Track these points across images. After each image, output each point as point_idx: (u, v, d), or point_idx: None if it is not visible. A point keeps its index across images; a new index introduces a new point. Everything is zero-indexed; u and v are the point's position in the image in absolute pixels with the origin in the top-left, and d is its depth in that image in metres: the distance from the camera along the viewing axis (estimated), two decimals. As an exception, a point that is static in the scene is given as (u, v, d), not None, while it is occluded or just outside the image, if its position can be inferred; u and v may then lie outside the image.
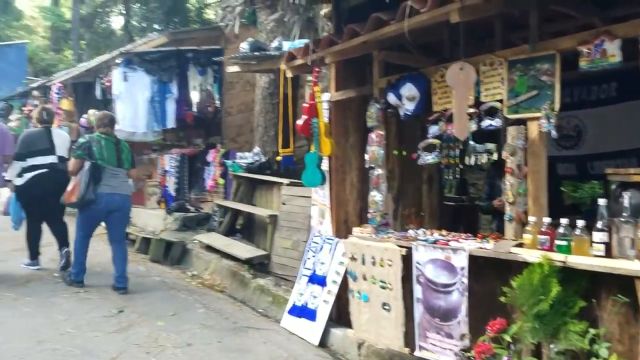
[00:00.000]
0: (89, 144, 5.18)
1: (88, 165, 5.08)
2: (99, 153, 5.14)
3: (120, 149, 5.35)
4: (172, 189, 8.11)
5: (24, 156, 5.62)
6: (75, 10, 31.46)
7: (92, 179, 5.05)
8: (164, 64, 7.95)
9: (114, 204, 5.23)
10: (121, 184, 5.30)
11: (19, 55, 18.00)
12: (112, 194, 5.18)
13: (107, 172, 5.17)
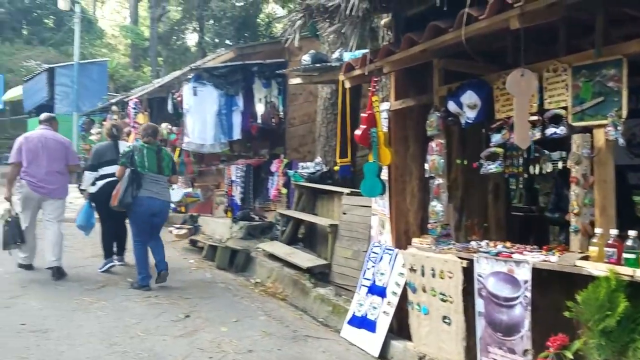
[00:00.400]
0: (132, 152, 5.65)
1: (128, 172, 5.54)
2: (140, 161, 5.60)
3: (161, 157, 5.78)
4: (238, 198, 8.34)
5: (95, 167, 6.24)
6: (153, 29, 33.22)
7: (131, 184, 5.49)
8: (231, 78, 8.23)
9: (155, 208, 5.67)
10: (162, 190, 5.74)
11: (100, 72, 19.14)
12: (152, 198, 5.62)
13: (148, 178, 5.61)
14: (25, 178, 5.87)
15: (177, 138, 8.96)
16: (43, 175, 5.86)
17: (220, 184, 9.11)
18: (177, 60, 32.80)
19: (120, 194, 5.50)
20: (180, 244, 7.87)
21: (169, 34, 34.63)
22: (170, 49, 34.65)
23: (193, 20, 30.49)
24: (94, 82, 17.99)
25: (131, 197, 5.50)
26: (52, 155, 5.94)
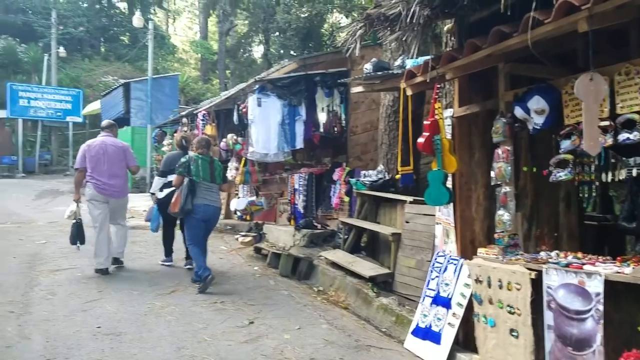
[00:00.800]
0: (188, 163, 6.07)
1: (186, 181, 6.00)
2: (195, 171, 6.03)
3: (214, 167, 6.24)
4: (301, 207, 8.44)
5: (165, 173, 6.90)
6: (222, 43, 34.41)
7: (189, 193, 5.95)
8: (294, 89, 8.36)
9: (209, 214, 6.15)
10: (214, 197, 6.23)
11: (172, 86, 20.02)
12: (207, 205, 6.09)
13: (202, 186, 6.06)
14: (90, 181, 6.47)
15: (242, 148, 9.19)
16: (106, 179, 6.46)
17: (284, 192, 9.26)
18: (244, 72, 33.76)
19: (182, 202, 5.94)
20: (246, 251, 8.06)
21: (236, 47, 35.74)
22: (238, 62, 35.72)
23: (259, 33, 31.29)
24: (166, 95, 18.84)
25: (191, 204, 5.93)
26: (112, 159, 6.53)
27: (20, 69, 29.94)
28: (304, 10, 21.64)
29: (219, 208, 6.40)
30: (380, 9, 3.84)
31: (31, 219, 11.58)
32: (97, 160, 6.49)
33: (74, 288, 5.83)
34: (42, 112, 25.48)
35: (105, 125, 7.03)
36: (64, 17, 31.06)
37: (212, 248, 8.27)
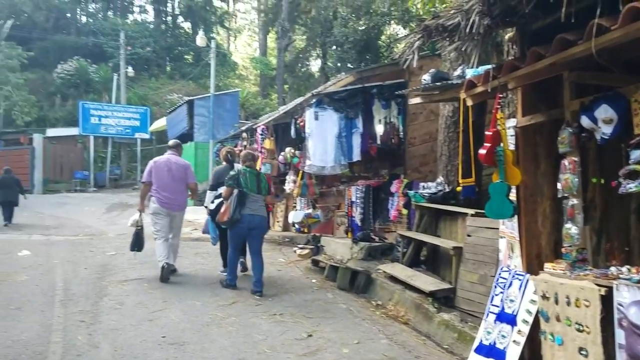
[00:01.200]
0: (237, 175, 6.48)
1: (236, 192, 6.38)
2: (244, 183, 6.43)
3: (260, 179, 6.63)
4: (358, 219, 8.40)
5: (215, 187, 7.31)
6: (280, 58, 35.10)
7: (239, 203, 6.33)
8: (351, 101, 8.39)
9: (255, 223, 6.47)
10: (260, 208, 6.57)
11: (233, 102, 20.57)
12: (253, 215, 6.43)
13: (250, 198, 6.44)
14: (154, 195, 7.05)
15: (299, 161, 9.30)
16: (168, 193, 7.01)
17: (341, 204, 9.26)
18: (301, 86, 34.28)
19: (231, 212, 6.33)
20: (303, 264, 8.11)
21: (294, 62, 36.36)
22: (296, 76, 36.31)
23: (317, 47, 31.70)
24: (227, 111, 19.37)
25: (239, 214, 6.32)
26: (175, 176, 7.07)
27: (91, 88, 31.74)
28: (361, 23, 21.72)
29: (264, 217, 6.75)
30: (438, 20, 3.80)
31: (102, 231, 12.17)
32: (161, 177, 7.03)
33: (141, 298, 6.06)
34: (112, 129, 26.83)
35: (171, 144, 7.59)
36: (132, 38, 32.71)
37: (271, 260, 8.40)
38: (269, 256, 8.81)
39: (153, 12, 41.14)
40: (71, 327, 5.00)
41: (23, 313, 5.45)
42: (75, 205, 18.44)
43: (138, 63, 33.82)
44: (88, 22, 38.83)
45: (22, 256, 8.69)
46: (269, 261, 8.35)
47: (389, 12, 19.86)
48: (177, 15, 42.25)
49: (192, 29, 40.17)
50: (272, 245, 9.89)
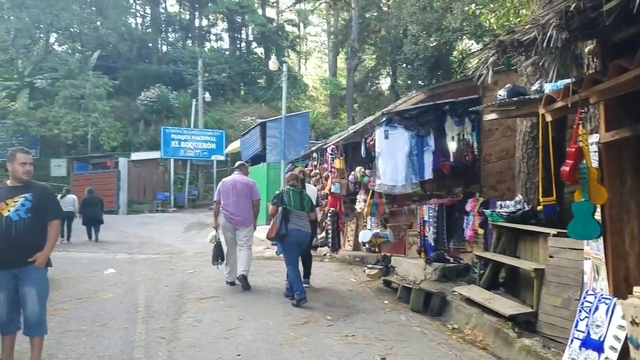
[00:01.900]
0: (282, 194, 7.10)
1: (280, 209, 6.91)
2: (288, 201, 6.99)
3: (303, 197, 7.16)
4: (431, 239, 8.21)
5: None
6: (349, 78, 35.44)
7: (283, 219, 6.85)
8: (422, 119, 8.28)
9: (300, 238, 7.00)
10: (304, 224, 7.06)
11: (303, 123, 20.92)
12: (299, 230, 6.94)
13: (294, 214, 6.95)
14: (222, 212, 7.74)
15: (370, 180, 9.26)
16: (234, 209, 7.62)
17: (413, 224, 9.10)
18: (371, 105, 34.36)
19: (277, 228, 6.86)
20: (374, 284, 8.01)
21: (364, 81, 36.57)
22: (365, 95, 36.47)
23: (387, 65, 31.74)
24: (298, 132, 19.72)
25: (285, 229, 6.82)
26: (239, 194, 7.66)
27: (172, 114, 33.46)
28: (432, 39, 21.51)
29: (309, 233, 7.23)
30: (513, 34, 3.68)
31: (181, 250, 12.67)
32: (227, 195, 7.71)
33: (217, 316, 6.22)
34: (191, 152, 28.07)
35: (237, 165, 8.29)
36: (208, 65, 34.27)
37: (342, 280, 8.38)
38: (340, 275, 8.81)
39: (228, 40, 42.94)
40: (152, 344, 5.21)
41: (108, 329, 5.74)
42: (156, 225, 19.35)
43: (214, 88, 35.33)
44: (168, 51, 41.13)
45: (107, 274, 9.20)
46: (340, 281, 8.35)
47: (461, 28, 19.53)
48: (250, 41, 43.86)
49: (265, 54, 41.51)
50: (343, 265, 9.86)
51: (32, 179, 4.55)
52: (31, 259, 4.30)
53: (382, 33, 30.66)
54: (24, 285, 4.29)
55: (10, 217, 4.27)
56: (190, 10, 43.77)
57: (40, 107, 27.56)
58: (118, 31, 35.74)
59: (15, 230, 4.26)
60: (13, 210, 4.29)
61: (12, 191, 4.40)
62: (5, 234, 4.24)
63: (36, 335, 4.37)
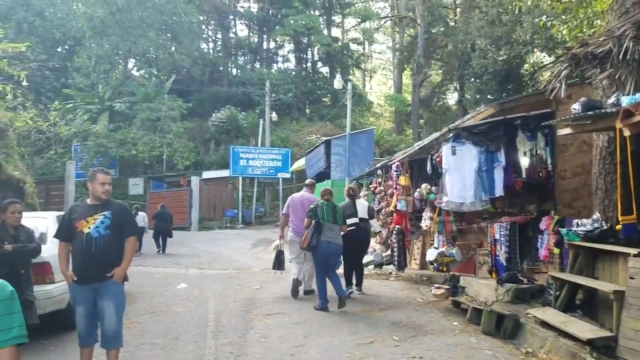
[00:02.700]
0: (316, 208, 7.60)
1: (313, 222, 7.44)
2: (321, 214, 7.51)
3: (335, 211, 7.70)
4: (503, 258, 7.89)
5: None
6: (415, 94, 35.19)
7: (315, 232, 7.39)
8: (491, 134, 8.04)
9: (331, 250, 7.46)
10: (336, 236, 7.56)
11: (367, 139, 20.91)
12: (329, 242, 7.43)
13: (326, 227, 7.47)
14: (290, 225, 8.45)
15: (436, 198, 9.08)
16: (300, 223, 8.10)
17: (483, 242, 8.80)
18: (437, 120, 33.90)
19: (309, 239, 7.39)
20: (443, 305, 7.79)
21: (430, 97, 36.19)
22: (431, 111, 36.04)
23: (454, 80, 31.27)
24: (362, 149, 19.72)
25: (316, 241, 7.33)
26: (306, 209, 8.00)
27: (240, 134, 34.50)
28: (501, 53, 20.99)
29: (340, 245, 7.64)
30: (586, 47, 3.55)
31: (248, 266, 12.94)
32: (296, 210, 8.38)
33: (283, 332, 6.27)
34: (258, 170, 28.75)
35: (306, 183, 9.06)
36: (275, 86, 35.14)
37: (409, 299, 8.23)
38: (406, 295, 8.65)
39: (294, 60, 43.87)
40: (221, 359, 5.32)
41: (179, 343, 5.93)
42: (225, 241, 19.88)
43: (281, 108, 36.15)
44: (238, 74, 42.57)
45: (180, 289, 9.53)
46: (407, 300, 8.20)
47: (531, 41, 18.95)
48: (316, 61, 44.61)
49: (330, 73, 42.07)
50: (409, 284, 9.69)
51: (111, 198, 4.82)
52: (109, 274, 4.53)
53: (449, 48, 30.31)
54: (102, 299, 4.52)
55: (90, 234, 4.52)
56: (259, 34, 45.18)
57: (119, 129, 29.25)
58: (191, 56, 37.44)
59: (95, 246, 4.51)
60: (93, 227, 4.55)
61: (92, 209, 4.65)
62: (86, 250, 4.50)
63: (113, 347, 4.58)
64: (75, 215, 4.64)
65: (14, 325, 2.14)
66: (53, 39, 33.42)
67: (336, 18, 47.18)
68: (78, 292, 4.58)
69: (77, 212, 4.67)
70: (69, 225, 4.62)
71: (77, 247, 4.55)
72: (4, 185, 13.59)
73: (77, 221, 4.57)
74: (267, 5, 41.74)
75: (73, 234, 4.57)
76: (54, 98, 28.15)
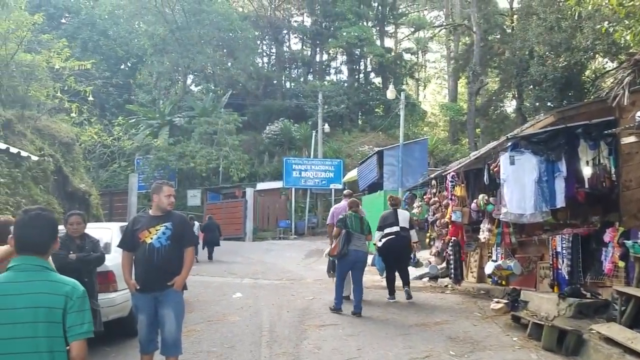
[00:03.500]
0: (345, 218, 8.14)
1: (344, 232, 7.93)
2: (350, 224, 8.03)
3: (363, 221, 8.21)
4: (565, 272, 7.56)
5: (382, 227, 9.10)
6: (471, 102, 34.53)
7: (345, 241, 7.88)
8: (551, 143, 7.76)
9: (358, 257, 7.95)
10: (362, 244, 8.07)
11: (421, 150, 20.63)
12: (357, 250, 7.91)
13: (355, 236, 7.95)
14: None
15: (495, 209, 8.82)
16: None
17: (544, 255, 8.47)
18: (495, 129, 33.05)
19: (340, 247, 7.90)
20: (501, 319, 7.54)
21: (486, 105, 35.39)
22: (488, 119, 35.21)
23: (512, 88, 30.45)
24: (415, 159, 19.48)
25: (347, 249, 7.81)
26: None
27: (293, 145, 34.90)
28: (561, 60, 20.31)
29: (366, 253, 8.23)
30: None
31: (301, 276, 13.02)
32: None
33: (337, 344, 6.26)
34: (311, 182, 28.95)
35: (345, 193, 9.83)
36: (328, 98, 35.37)
37: (466, 313, 8.02)
38: (463, 309, 8.43)
39: (347, 72, 44.02)
40: (275, 368, 5.38)
41: (235, 352, 6.03)
42: (278, 252, 20.10)
43: (333, 119, 36.31)
44: (291, 87, 43.19)
45: (235, 298, 9.71)
46: (463, 314, 7.99)
47: (592, 47, 18.22)
48: (369, 72, 44.61)
49: (383, 83, 41.93)
50: (466, 298, 9.45)
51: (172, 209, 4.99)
52: (170, 283, 4.68)
53: (506, 55, 29.58)
54: (163, 307, 4.67)
55: (153, 245, 4.69)
56: (312, 47, 45.68)
57: (178, 143, 30.25)
58: (247, 71, 38.32)
59: (157, 256, 4.67)
60: (155, 238, 4.71)
61: (154, 220, 4.81)
62: (148, 260, 4.67)
63: (172, 355, 4.72)
64: (138, 226, 4.81)
65: (85, 321, 2.46)
66: (116, 56, 35.08)
67: (389, 28, 47.03)
68: (140, 301, 4.75)
69: (140, 223, 4.83)
70: (132, 235, 4.80)
71: (140, 257, 4.71)
72: (71, 197, 14.37)
73: (140, 232, 4.73)
74: (320, 19, 42.16)
75: (136, 244, 4.75)
76: (118, 113, 29.56)
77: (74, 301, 2.43)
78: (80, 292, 2.49)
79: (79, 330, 2.42)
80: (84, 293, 2.51)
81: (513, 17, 31.41)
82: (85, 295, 2.50)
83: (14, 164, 10.96)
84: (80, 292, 2.49)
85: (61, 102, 15.67)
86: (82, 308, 2.46)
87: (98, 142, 21.42)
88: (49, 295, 2.40)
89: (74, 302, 2.43)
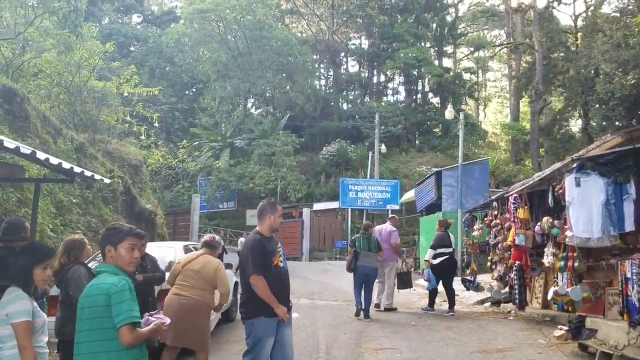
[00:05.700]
0: (355, 239, 9.91)
1: (352, 250, 9.69)
2: (358, 244, 9.70)
3: (370, 241, 9.71)
4: (635, 299, 7.13)
5: (435, 247, 10.46)
6: (534, 122, 33.56)
7: (354, 258, 9.59)
8: (619, 165, 7.44)
9: (366, 271, 9.53)
10: (370, 261, 9.56)
11: (482, 170, 20.15)
12: (365, 266, 9.48)
13: (362, 254, 9.55)
14: None
15: (560, 233, 8.48)
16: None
17: (613, 281, 8.04)
18: (559, 149, 31.91)
19: (348, 263, 9.77)
20: (568, 348, 7.21)
21: (551, 125, 34.27)
22: (553, 139, 34.05)
23: (577, 107, 29.39)
24: (475, 180, 19.03)
25: (354, 265, 9.51)
26: (384, 239, 10.28)
27: (349, 166, 35.04)
28: (629, 77, 19.47)
29: (374, 268, 9.69)
30: None
31: (358, 298, 12.91)
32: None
33: (393, 368, 6.19)
34: (367, 202, 28.86)
35: (390, 217, 11.51)
36: (385, 118, 35.39)
37: (530, 341, 7.74)
38: (527, 336, 8.13)
39: (404, 92, 43.92)
40: (331, 389, 5.38)
41: (293, 371, 6.08)
42: (334, 272, 20.06)
43: (390, 140, 36.20)
44: (348, 108, 43.53)
45: (293, 318, 9.76)
46: (527, 342, 7.71)
47: (663, 62, 17.38)
48: (426, 92, 44.29)
49: (441, 103, 41.51)
50: (530, 324, 9.09)
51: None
52: (291, 303, 4.78)
53: (571, 73, 28.66)
54: (285, 327, 4.65)
55: (284, 267, 4.68)
56: (369, 68, 45.95)
57: (239, 164, 31.09)
58: (305, 93, 39.06)
59: (287, 279, 4.74)
60: (282, 260, 4.70)
61: (272, 242, 4.64)
62: (284, 283, 4.66)
63: None
64: (269, 248, 4.59)
65: (134, 308, 2.96)
66: (182, 82, 36.71)
67: (448, 48, 46.64)
68: (271, 325, 4.52)
69: (269, 246, 4.60)
70: (265, 258, 4.54)
71: (275, 281, 4.51)
72: (138, 217, 15.04)
73: (274, 255, 4.59)
74: (377, 41, 42.45)
75: (269, 268, 4.52)
76: (182, 136, 30.81)
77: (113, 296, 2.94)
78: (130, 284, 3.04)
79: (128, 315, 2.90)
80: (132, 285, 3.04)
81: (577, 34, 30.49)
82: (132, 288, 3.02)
83: (85, 185, 11.64)
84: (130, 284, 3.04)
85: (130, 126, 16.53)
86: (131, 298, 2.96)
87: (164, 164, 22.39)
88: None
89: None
